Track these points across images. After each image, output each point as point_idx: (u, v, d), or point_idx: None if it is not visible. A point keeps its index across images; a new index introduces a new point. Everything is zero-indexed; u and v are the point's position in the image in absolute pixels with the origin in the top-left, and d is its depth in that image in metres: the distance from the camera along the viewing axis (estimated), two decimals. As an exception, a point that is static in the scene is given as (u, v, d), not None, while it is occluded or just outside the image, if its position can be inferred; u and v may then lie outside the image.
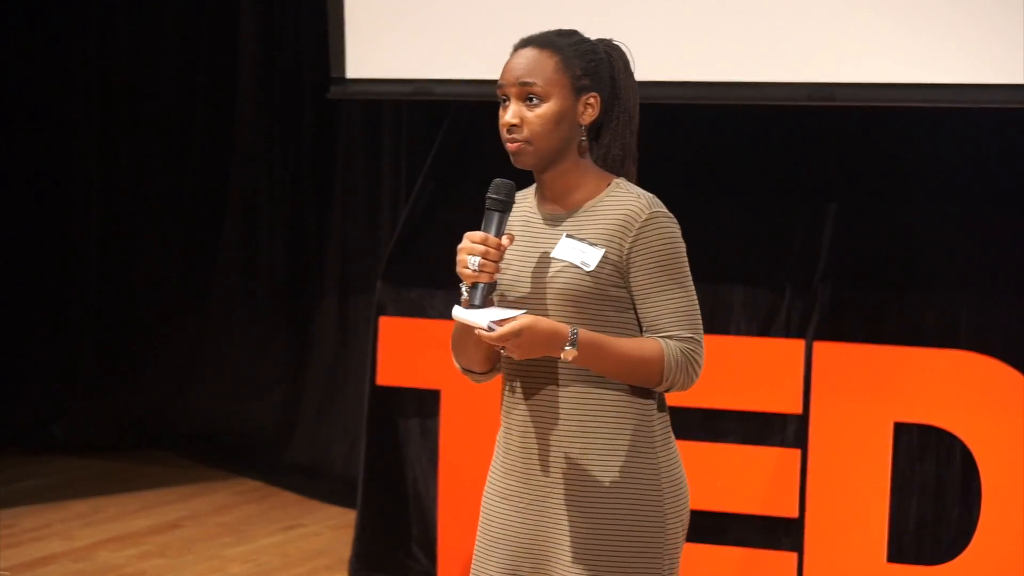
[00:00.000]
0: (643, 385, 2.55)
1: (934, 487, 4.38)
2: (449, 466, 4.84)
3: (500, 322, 2.42)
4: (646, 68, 4.43)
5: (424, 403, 4.98)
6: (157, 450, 6.98)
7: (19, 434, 6.99)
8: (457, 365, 2.71)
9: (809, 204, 4.64)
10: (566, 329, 2.46)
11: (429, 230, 5.09)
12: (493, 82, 5.25)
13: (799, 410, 4.42)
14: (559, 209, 2.62)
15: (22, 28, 7.11)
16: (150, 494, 6.25)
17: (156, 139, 7.20)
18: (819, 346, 4.42)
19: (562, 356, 2.46)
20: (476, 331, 2.44)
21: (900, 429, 4.37)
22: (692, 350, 2.54)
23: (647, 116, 2.72)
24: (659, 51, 4.43)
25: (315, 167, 6.73)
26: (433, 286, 4.97)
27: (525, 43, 2.62)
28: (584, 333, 2.48)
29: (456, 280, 2.54)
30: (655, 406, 2.60)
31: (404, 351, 4.92)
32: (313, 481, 6.41)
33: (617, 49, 2.67)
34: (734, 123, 4.74)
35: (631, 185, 2.61)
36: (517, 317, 2.43)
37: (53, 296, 7.28)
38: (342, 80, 4.97)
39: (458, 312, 2.46)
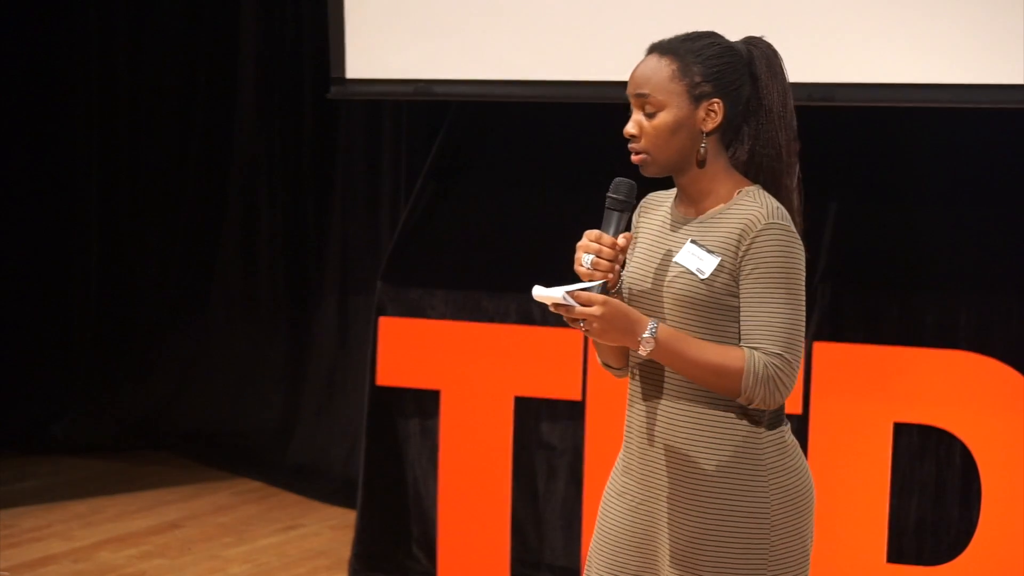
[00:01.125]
0: (722, 393, 2.52)
1: (934, 487, 4.38)
2: (449, 466, 4.84)
3: (576, 294, 2.38)
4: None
5: (424, 403, 4.98)
6: (157, 450, 6.97)
7: (19, 434, 6.99)
8: (599, 360, 2.70)
9: (809, 204, 4.61)
10: (647, 320, 2.45)
11: (429, 230, 5.09)
12: (493, 82, 5.27)
13: (799, 410, 4.42)
14: (691, 213, 2.59)
15: (22, 29, 7.11)
16: (150, 494, 6.25)
17: (156, 140, 7.20)
18: (819, 346, 4.42)
19: (640, 347, 2.44)
20: (552, 306, 2.40)
21: (900, 429, 4.37)
22: (779, 367, 2.50)
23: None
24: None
25: (315, 167, 6.73)
26: (433, 286, 4.97)
27: (651, 49, 2.60)
28: (665, 328, 2.46)
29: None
30: (764, 423, 2.56)
31: (404, 351, 4.92)
32: (313, 481, 6.41)
33: (760, 47, 2.64)
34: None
35: (761, 194, 2.57)
36: (595, 286, 2.41)
37: (53, 296, 7.27)
38: (342, 80, 4.97)
39: (537, 290, 2.41)
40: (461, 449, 4.82)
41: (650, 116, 2.54)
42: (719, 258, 2.51)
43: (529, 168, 5.03)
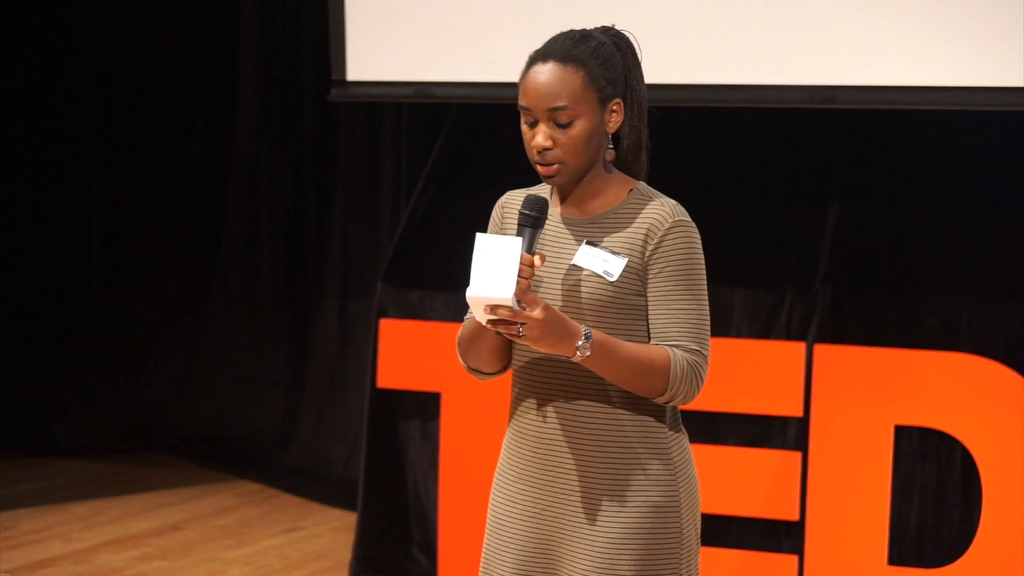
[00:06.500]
0: (646, 394, 2.52)
1: (935, 490, 4.38)
2: (449, 468, 4.84)
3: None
4: (647, 71, 4.42)
5: (424, 405, 4.98)
6: (157, 452, 6.98)
7: (20, 436, 6.99)
8: (464, 363, 2.68)
9: (810, 207, 4.63)
10: (580, 326, 2.44)
11: (430, 232, 5.09)
12: (493, 84, 5.25)
13: (800, 413, 4.42)
14: (576, 213, 2.59)
15: (22, 29, 7.11)
16: (151, 496, 6.25)
17: (157, 142, 7.20)
18: (820, 348, 4.42)
19: (576, 354, 2.43)
20: (489, 311, 2.38)
21: (901, 432, 4.37)
22: (698, 363, 2.52)
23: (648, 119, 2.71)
24: (661, 54, 4.42)
25: (316, 169, 6.74)
26: (434, 288, 4.97)
27: (544, 57, 2.55)
28: (597, 333, 2.45)
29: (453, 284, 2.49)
30: (667, 425, 2.58)
31: (404, 353, 4.92)
32: (314, 483, 6.41)
33: (623, 37, 2.62)
34: (735, 126, 4.74)
35: (653, 191, 2.58)
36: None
37: (54, 298, 7.28)
38: (343, 82, 4.97)
39: (476, 290, 2.40)
40: (462, 451, 4.81)
41: (564, 127, 2.51)
42: (626, 259, 2.51)
43: (529, 170, 5.03)
